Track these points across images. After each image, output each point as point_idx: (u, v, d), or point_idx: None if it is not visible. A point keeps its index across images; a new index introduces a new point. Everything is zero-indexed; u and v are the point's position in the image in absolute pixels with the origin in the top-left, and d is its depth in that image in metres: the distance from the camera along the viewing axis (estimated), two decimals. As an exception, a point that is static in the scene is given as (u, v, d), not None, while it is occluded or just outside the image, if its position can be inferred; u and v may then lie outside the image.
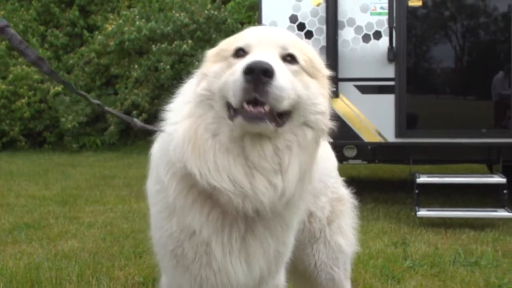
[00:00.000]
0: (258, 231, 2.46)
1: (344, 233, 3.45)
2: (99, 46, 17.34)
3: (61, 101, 17.03)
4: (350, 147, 7.93)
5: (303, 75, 2.37)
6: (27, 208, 8.60)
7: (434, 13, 8.05)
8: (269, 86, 2.16)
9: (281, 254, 2.60)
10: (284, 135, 2.31)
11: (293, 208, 2.49)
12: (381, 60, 7.62)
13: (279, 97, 2.18)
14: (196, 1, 17.05)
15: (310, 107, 2.34)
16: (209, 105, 2.36)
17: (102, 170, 12.89)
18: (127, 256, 5.98)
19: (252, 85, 2.15)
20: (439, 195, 8.76)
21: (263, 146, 2.29)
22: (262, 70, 2.14)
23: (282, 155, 2.31)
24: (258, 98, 2.16)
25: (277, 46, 2.36)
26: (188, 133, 2.37)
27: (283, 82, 2.21)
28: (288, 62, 2.35)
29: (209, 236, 2.43)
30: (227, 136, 2.30)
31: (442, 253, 6.02)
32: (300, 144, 2.33)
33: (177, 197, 2.47)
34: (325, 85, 2.46)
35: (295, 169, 2.31)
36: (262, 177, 2.29)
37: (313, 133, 2.36)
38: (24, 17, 18.21)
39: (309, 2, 7.75)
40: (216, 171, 2.28)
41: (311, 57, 2.45)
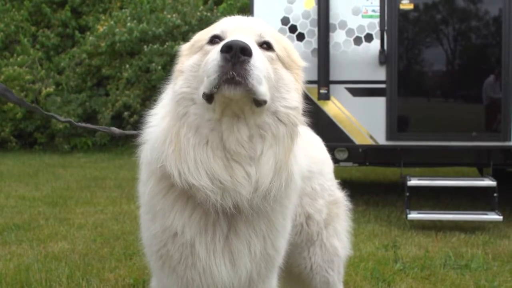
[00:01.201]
0: (241, 230, 2.43)
1: (339, 236, 3.46)
2: (90, 47, 17.30)
3: (52, 102, 16.99)
4: (341, 149, 7.95)
5: (278, 64, 2.36)
6: (17, 209, 8.57)
7: (425, 17, 8.07)
8: (248, 64, 2.12)
9: (271, 257, 2.56)
10: (257, 121, 2.28)
11: (276, 205, 2.45)
12: (373, 63, 7.63)
13: (258, 78, 2.15)
14: (188, 3, 17.04)
15: (280, 100, 2.32)
16: (191, 100, 2.34)
17: (93, 171, 12.86)
18: (117, 258, 5.97)
19: (230, 63, 2.11)
20: (429, 198, 8.78)
21: (240, 130, 2.26)
22: (240, 48, 2.10)
23: (256, 143, 2.29)
24: (236, 77, 2.11)
25: (253, 33, 2.34)
26: (169, 134, 2.35)
27: (261, 64, 2.19)
28: (263, 49, 2.33)
29: (192, 236, 2.41)
30: (207, 126, 2.29)
31: (432, 256, 6.04)
32: (273, 135, 2.31)
33: (155, 197, 2.47)
34: (300, 78, 2.44)
35: (269, 160, 2.29)
36: (239, 167, 2.27)
37: (286, 127, 2.33)
38: (16, 18, 18.15)
39: (301, 4, 7.75)
40: (195, 169, 2.27)
41: (287, 47, 2.44)
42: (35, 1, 18.77)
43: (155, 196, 2.46)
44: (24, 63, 17.37)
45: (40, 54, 17.90)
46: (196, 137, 2.29)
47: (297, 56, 2.49)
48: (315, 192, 3.29)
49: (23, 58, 17.41)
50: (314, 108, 7.68)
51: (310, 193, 3.26)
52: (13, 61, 17.31)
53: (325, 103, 7.68)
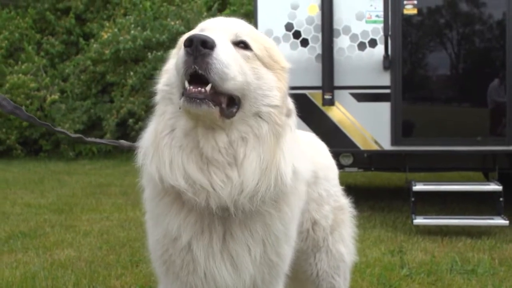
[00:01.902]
0: (236, 232, 2.42)
1: (345, 242, 3.46)
2: (94, 54, 17.32)
3: (57, 109, 17.02)
4: (346, 155, 7.94)
5: (256, 63, 2.34)
6: (23, 217, 8.58)
7: (429, 21, 8.07)
8: (209, 57, 2.12)
9: (275, 264, 2.54)
10: (238, 126, 2.28)
11: (271, 208, 2.42)
12: (377, 68, 7.63)
13: (221, 72, 2.14)
14: (192, 9, 17.08)
15: (262, 98, 2.31)
16: (169, 99, 2.37)
17: (98, 178, 12.88)
18: (123, 265, 5.97)
19: (192, 57, 2.12)
20: (435, 203, 8.76)
21: (216, 138, 2.26)
22: (200, 41, 2.11)
23: (237, 147, 2.28)
24: (198, 70, 2.12)
25: (230, 33, 2.34)
26: (151, 134, 2.40)
27: (226, 57, 2.18)
28: (240, 48, 2.32)
29: (189, 240, 2.41)
30: (182, 130, 2.30)
31: (439, 261, 6.02)
32: (256, 136, 2.29)
33: (153, 202, 2.50)
34: (283, 78, 2.42)
35: (253, 163, 2.27)
36: (218, 171, 2.26)
37: (268, 126, 2.31)
38: (20, 25, 18.20)
39: (305, 10, 7.76)
40: (170, 169, 2.28)
41: (268, 47, 2.43)
42: (40, 9, 18.84)
43: (153, 200, 2.49)
44: (29, 70, 17.41)
45: (44, 61, 17.94)
46: (170, 137, 2.32)
47: (281, 57, 2.47)
48: (321, 197, 3.29)
49: (27, 66, 17.45)
50: (319, 114, 7.70)
51: (316, 198, 3.26)
52: (17, 68, 17.34)
53: (329, 109, 7.69)
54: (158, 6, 17.60)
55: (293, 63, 7.47)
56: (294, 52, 7.70)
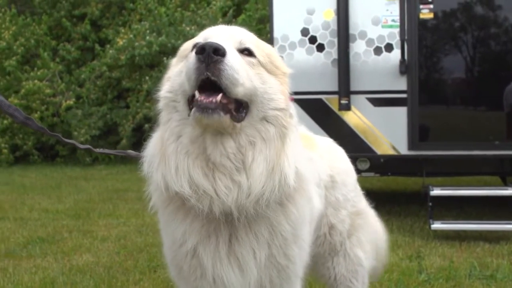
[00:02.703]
0: (241, 236, 2.44)
1: (363, 247, 3.48)
2: (110, 60, 17.40)
3: (73, 115, 17.11)
4: (363, 160, 7.92)
5: (260, 69, 2.40)
6: (40, 222, 8.64)
7: (445, 25, 8.05)
8: (221, 64, 2.18)
9: (283, 267, 2.55)
10: (246, 131, 2.34)
11: (277, 209, 2.45)
12: (393, 72, 7.60)
13: (233, 77, 2.20)
14: (207, 15, 17.13)
15: (268, 102, 2.37)
16: (173, 107, 2.43)
17: (115, 183, 12.93)
18: (141, 270, 6.00)
19: (204, 64, 2.18)
20: (452, 208, 8.71)
21: (224, 144, 2.31)
22: (213, 48, 2.17)
23: (245, 152, 2.32)
24: (210, 76, 2.18)
25: (234, 40, 2.40)
26: (157, 142, 2.46)
27: (236, 63, 2.24)
28: (244, 55, 2.38)
29: (195, 245, 2.45)
30: (188, 137, 2.35)
31: (457, 266, 5.99)
32: (263, 139, 2.35)
33: (160, 208, 2.55)
34: (285, 83, 2.48)
35: (260, 165, 2.32)
36: (223, 177, 2.31)
37: (275, 129, 2.37)
38: (36, 32, 18.33)
39: (321, 15, 7.76)
40: (176, 176, 2.32)
41: (269, 53, 2.49)
42: (55, 15, 18.96)
43: (160, 207, 2.55)
44: (44, 76, 17.52)
45: (60, 67, 18.05)
46: (177, 144, 2.37)
47: (281, 63, 2.54)
48: (338, 202, 3.33)
49: (43, 72, 17.56)
50: (335, 119, 7.69)
51: (333, 203, 3.30)
52: (33, 75, 17.45)
53: (346, 114, 7.68)
54: (173, 12, 17.65)
55: (309, 68, 7.54)
56: (310, 57, 7.70)
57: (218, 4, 17.51)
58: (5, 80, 17.53)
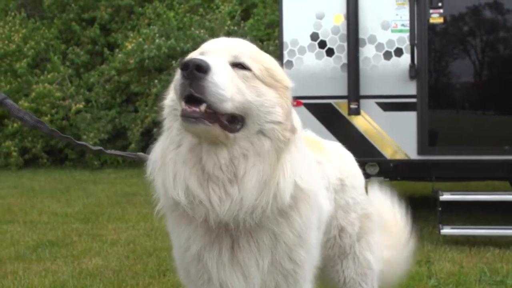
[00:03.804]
0: (243, 243, 2.45)
1: (372, 250, 3.49)
2: (119, 64, 17.45)
3: (82, 119, 17.16)
4: (372, 164, 7.90)
5: (256, 82, 2.39)
6: (50, 226, 8.68)
7: (455, 30, 8.03)
8: (204, 81, 2.19)
9: (289, 271, 2.55)
10: (240, 143, 2.33)
11: (279, 220, 2.44)
12: (403, 77, 7.59)
13: (216, 94, 2.20)
14: (216, 18, 17.16)
15: (265, 115, 2.36)
16: (175, 115, 2.45)
17: (123, 187, 12.96)
18: (151, 274, 6.02)
19: (188, 80, 2.20)
20: (460, 213, 8.68)
21: (218, 154, 2.32)
22: (195, 65, 2.18)
23: (238, 164, 2.32)
24: (194, 93, 2.19)
25: (229, 54, 2.40)
26: (159, 150, 2.49)
27: (222, 80, 2.24)
28: (239, 69, 2.37)
29: (199, 250, 2.48)
30: (187, 146, 2.37)
31: (467, 271, 5.97)
32: (257, 153, 2.34)
33: (166, 214, 2.58)
34: (285, 96, 2.46)
35: (252, 179, 2.31)
36: (217, 188, 2.32)
37: (271, 142, 2.36)
38: (46, 35, 18.42)
39: (330, 19, 7.75)
40: (173, 183, 2.35)
41: (269, 67, 2.47)
42: (65, 19, 19.05)
43: (166, 212, 2.57)
44: (54, 80, 17.60)
45: (70, 71, 18.12)
46: (175, 153, 2.40)
47: (284, 76, 2.52)
48: (347, 205, 3.34)
49: (53, 75, 17.64)
50: (344, 123, 7.69)
51: (343, 206, 3.31)
52: (43, 78, 17.53)
53: (355, 118, 7.66)
54: (182, 16, 17.69)
55: (319, 73, 7.54)
56: (319, 62, 7.70)
57: (226, 9, 17.54)
58: (16, 83, 17.61)
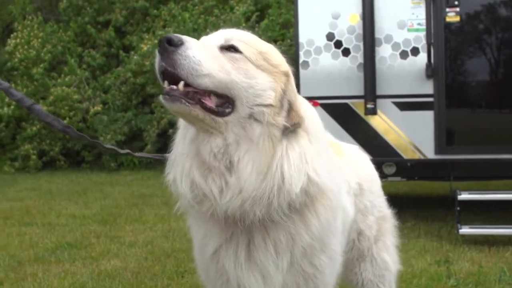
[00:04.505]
0: (259, 241, 2.43)
1: (389, 251, 3.50)
2: (135, 66, 17.52)
3: (99, 121, 17.25)
4: (389, 164, 7.89)
5: (248, 64, 2.37)
6: (68, 228, 8.72)
7: (472, 28, 7.99)
8: (175, 54, 2.21)
9: (311, 276, 2.52)
10: (233, 129, 2.32)
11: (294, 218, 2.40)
12: (419, 76, 7.57)
13: (190, 68, 2.22)
14: (230, 20, 17.17)
15: (254, 97, 2.33)
16: None
17: (140, 188, 12.99)
18: (169, 276, 6.03)
19: (161, 55, 2.24)
20: (479, 212, 8.62)
21: (211, 142, 2.32)
22: (166, 39, 2.22)
23: (232, 151, 2.31)
24: (167, 67, 2.22)
25: (220, 38, 2.43)
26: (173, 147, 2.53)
27: (196, 53, 2.25)
28: (229, 51, 2.38)
29: (215, 249, 2.47)
30: (189, 138, 2.41)
31: (486, 271, 5.94)
32: (249, 139, 2.31)
33: (185, 213, 2.59)
34: (281, 81, 2.42)
35: (247, 165, 2.28)
36: (217, 178, 2.31)
37: (262, 127, 2.32)
38: (63, 39, 18.53)
39: (346, 19, 7.75)
40: (180, 178, 2.38)
41: (264, 51, 2.45)
42: (80, 22, 19.16)
43: (184, 212, 2.57)
44: (72, 83, 17.69)
45: (86, 73, 18.21)
46: (182, 146, 2.45)
47: (280, 61, 2.49)
48: (366, 208, 3.35)
49: (70, 78, 17.74)
50: (361, 123, 7.68)
51: (362, 209, 3.32)
52: (61, 81, 17.63)
53: (372, 118, 7.65)
54: (197, 18, 17.73)
55: (335, 73, 7.54)
56: (335, 61, 7.70)
57: (241, 9, 17.55)
58: (32, 86, 17.72)
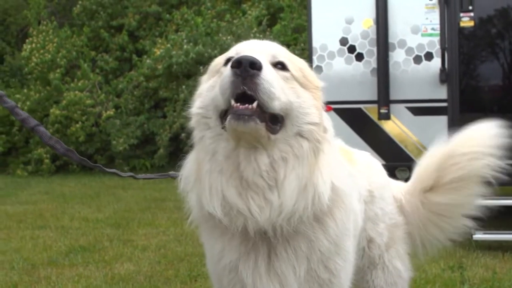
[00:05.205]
0: (280, 251, 2.42)
1: (402, 259, 3.43)
2: (147, 70, 17.58)
3: (112, 125, 17.31)
4: (402, 169, 7.84)
5: (294, 83, 2.38)
6: (81, 231, 8.76)
7: (486, 33, 7.95)
8: (258, 78, 2.16)
9: (326, 281, 2.51)
10: (279, 146, 2.30)
11: (314, 225, 2.42)
12: (433, 81, 7.54)
13: (269, 92, 2.18)
14: (243, 25, 17.20)
15: (303, 116, 2.34)
16: (205, 124, 2.41)
17: (153, 192, 13.02)
18: (182, 280, 6.04)
19: (240, 78, 2.16)
20: (493, 217, 8.54)
21: (258, 160, 2.28)
22: (249, 62, 2.15)
23: (278, 168, 2.29)
24: (247, 91, 2.16)
25: (267, 54, 2.38)
26: (193, 162, 2.45)
27: (272, 77, 2.22)
28: (278, 69, 2.36)
29: (233, 261, 2.44)
30: (223, 153, 2.33)
31: (501, 277, 5.90)
32: (296, 156, 2.31)
33: (199, 224, 2.56)
34: (318, 97, 2.45)
35: (292, 183, 2.28)
36: (256, 196, 2.28)
37: (309, 143, 2.34)
38: (76, 43, 18.64)
39: (360, 24, 7.73)
40: (210, 196, 2.31)
41: (302, 68, 2.47)
42: (94, 27, 19.27)
43: (199, 223, 2.55)
44: (85, 87, 17.79)
45: (99, 78, 18.30)
46: (211, 163, 2.34)
47: (314, 76, 2.51)
48: (376, 216, 3.29)
49: (83, 83, 17.83)
50: (374, 128, 7.65)
51: (372, 217, 3.27)
52: (74, 86, 17.73)
53: (385, 123, 7.63)
54: (209, 22, 17.77)
55: (348, 77, 7.51)
56: (349, 66, 7.69)
57: (253, 14, 17.59)
58: (45, 91, 17.83)
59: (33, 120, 3.03)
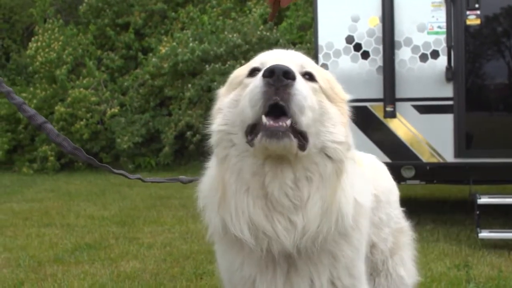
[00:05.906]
0: (301, 267, 2.36)
1: (406, 265, 3.37)
2: (153, 68, 17.61)
3: (117, 123, 17.34)
4: (408, 167, 7.84)
5: (322, 96, 2.28)
6: (87, 229, 8.77)
7: (492, 31, 7.93)
8: (292, 88, 2.04)
9: (346, 286, 2.46)
10: (304, 163, 2.20)
11: (339, 241, 2.37)
12: (439, 79, 7.53)
13: (301, 104, 2.08)
14: (248, 22, 17.20)
15: (326, 134, 2.24)
16: (229, 141, 2.28)
17: (158, 190, 13.01)
18: (188, 277, 6.04)
19: (273, 88, 2.03)
20: (498, 216, 8.56)
21: (284, 173, 2.19)
22: (283, 71, 2.03)
23: (302, 187, 2.20)
24: (279, 101, 2.03)
25: (295, 64, 2.26)
26: (214, 181, 2.34)
27: (305, 89, 2.12)
28: (307, 80, 2.25)
29: (251, 274, 2.39)
30: (250, 171, 2.22)
31: (507, 276, 5.89)
32: (321, 176, 2.22)
33: (216, 239, 2.51)
34: (344, 112, 2.35)
35: (316, 204, 2.21)
36: (281, 218, 2.20)
37: (333, 164, 2.24)
38: (82, 41, 18.68)
39: (366, 22, 7.73)
40: (236, 218, 2.23)
41: (329, 79, 2.38)
42: (99, 24, 19.31)
43: (216, 238, 2.49)
44: (90, 85, 17.83)
45: (105, 76, 18.33)
46: (237, 183, 2.24)
47: (340, 89, 2.42)
48: (381, 221, 3.21)
49: (88, 80, 17.88)
50: (380, 126, 7.65)
51: (376, 222, 3.17)
52: (79, 83, 17.77)
53: (391, 121, 7.62)
54: (215, 20, 17.78)
55: (354, 75, 7.51)
56: (355, 64, 7.69)
57: (258, 11, 17.58)
58: (51, 89, 17.87)
59: (40, 117, 2.98)
